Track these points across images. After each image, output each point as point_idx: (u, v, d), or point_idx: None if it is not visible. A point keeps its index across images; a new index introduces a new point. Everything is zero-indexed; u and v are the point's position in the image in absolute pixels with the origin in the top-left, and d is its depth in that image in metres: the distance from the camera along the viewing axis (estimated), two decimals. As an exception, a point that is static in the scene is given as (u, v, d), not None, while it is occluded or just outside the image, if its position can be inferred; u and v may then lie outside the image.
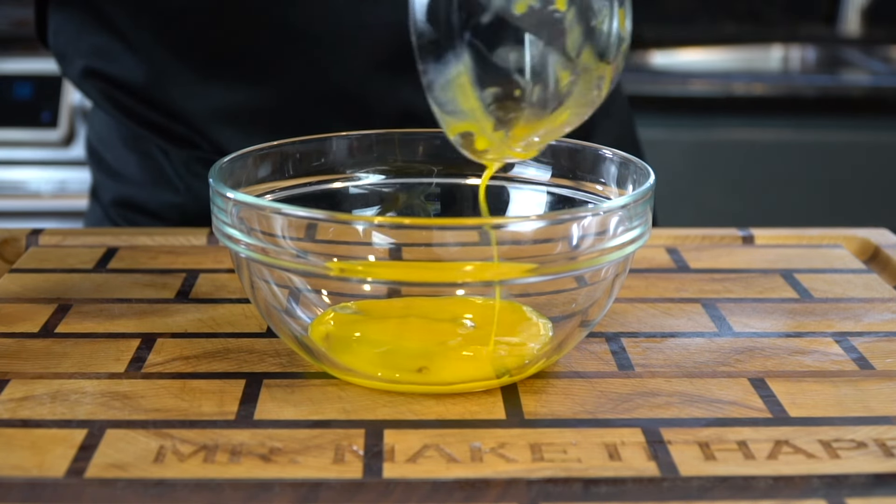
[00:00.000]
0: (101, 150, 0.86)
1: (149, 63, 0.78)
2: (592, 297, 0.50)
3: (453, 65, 0.45)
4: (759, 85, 1.67)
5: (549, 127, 0.48)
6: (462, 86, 0.46)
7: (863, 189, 1.71)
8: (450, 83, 0.46)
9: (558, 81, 0.46)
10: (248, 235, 0.47)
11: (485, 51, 0.45)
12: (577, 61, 0.46)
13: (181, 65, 0.78)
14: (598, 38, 0.46)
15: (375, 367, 0.49)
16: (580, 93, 0.47)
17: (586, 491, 0.42)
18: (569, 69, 0.46)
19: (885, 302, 0.61)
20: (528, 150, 0.50)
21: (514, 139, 0.48)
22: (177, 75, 0.78)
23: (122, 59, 0.79)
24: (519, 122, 0.47)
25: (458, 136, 0.48)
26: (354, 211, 0.59)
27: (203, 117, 0.79)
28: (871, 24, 2.05)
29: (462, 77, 0.45)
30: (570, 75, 0.46)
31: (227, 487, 0.42)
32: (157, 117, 0.80)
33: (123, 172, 0.85)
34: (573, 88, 0.47)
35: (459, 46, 0.45)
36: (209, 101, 0.78)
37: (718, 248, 0.69)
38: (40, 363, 0.52)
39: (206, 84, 0.78)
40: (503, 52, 0.45)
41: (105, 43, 0.79)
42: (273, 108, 0.78)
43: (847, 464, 0.44)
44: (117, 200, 0.85)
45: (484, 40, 0.45)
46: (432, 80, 0.46)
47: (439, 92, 0.46)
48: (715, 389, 0.50)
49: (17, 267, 0.65)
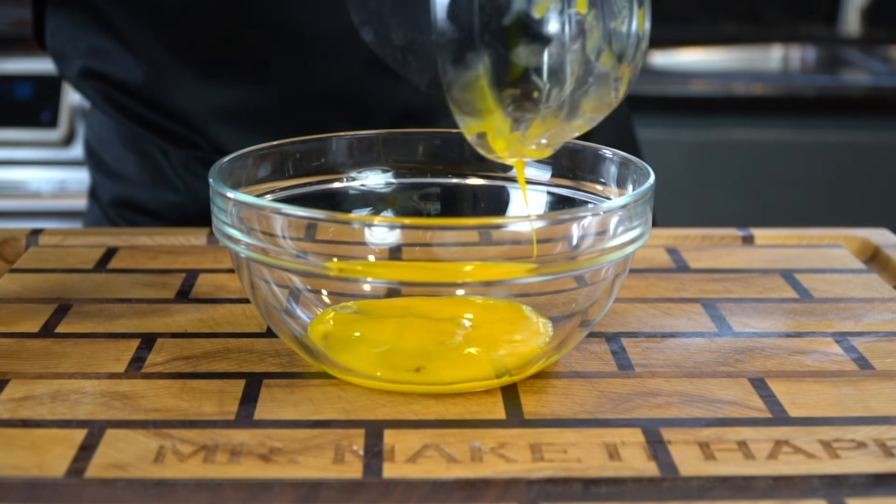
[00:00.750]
0: (100, 151, 0.86)
1: (147, 63, 0.78)
2: (592, 297, 0.50)
3: (473, 66, 0.45)
4: (759, 85, 1.67)
5: (565, 128, 0.48)
6: (481, 87, 0.46)
7: (863, 189, 1.71)
8: (469, 84, 0.46)
9: (577, 83, 0.46)
10: (248, 235, 0.47)
11: (504, 52, 0.45)
12: (596, 63, 0.46)
13: (180, 64, 0.78)
14: (618, 40, 0.46)
15: (375, 366, 0.49)
16: (598, 95, 0.47)
17: (586, 491, 0.42)
18: (588, 71, 0.46)
19: (885, 302, 0.61)
20: (544, 149, 0.50)
21: (530, 139, 0.48)
22: (175, 75, 0.78)
23: (120, 60, 0.79)
24: (536, 122, 0.47)
25: (475, 136, 0.48)
26: (354, 211, 0.59)
27: (202, 117, 0.79)
28: (871, 24, 2.05)
29: (482, 78, 0.45)
30: (589, 77, 0.46)
31: (227, 487, 0.42)
32: (156, 117, 0.80)
33: (122, 172, 0.85)
34: (591, 90, 0.47)
35: (480, 47, 0.45)
36: (208, 100, 0.78)
37: (718, 248, 0.69)
38: (40, 363, 0.52)
39: (205, 83, 0.78)
40: (522, 53, 0.45)
41: (103, 43, 0.79)
42: (272, 108, 0.78)
43: (847, 464, 0.44)
44: (116, 200, 0.85)
45: (504, 42, 0.45)
46: (451, 80, 0.46)
47: (458, 92, 0.46)
48: (715, 389, 0.50)
49: (17, 267, 0.65)
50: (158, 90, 0.79)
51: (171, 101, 0.79)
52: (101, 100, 0.81)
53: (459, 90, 0.46)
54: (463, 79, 0.46)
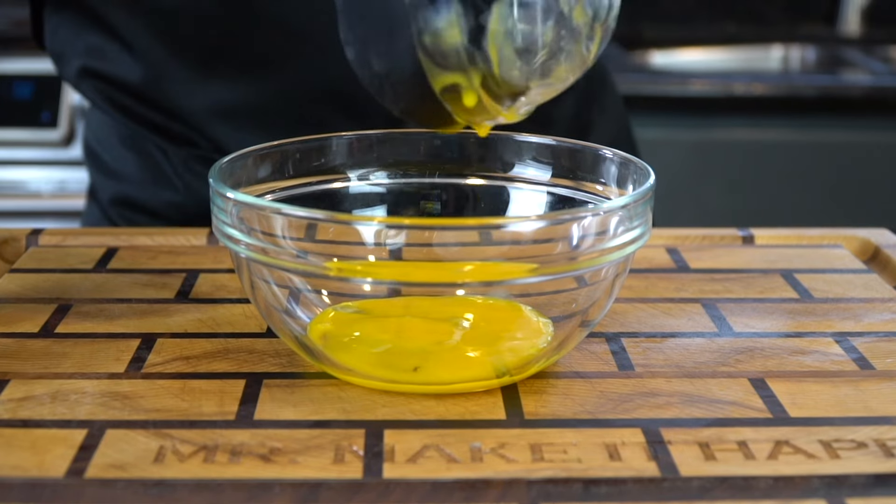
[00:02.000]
0: (99, 150, 0.86)
1: (145, 62, 0.78)
2: (593, 297, 0.50)
3: (444, 12, 0.45)
4: (759, 85, 1.67)
5: (538, 83, 0.48)
6: (452, 34, 0.45)
7: (863, 189, 1.71)
8: (440, 31, 0.45)
9: (549, 34, 0.46)
10: (248, 235, 0.47)
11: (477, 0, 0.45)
12: (569, 16, 0.46)
13: (178, 63, 0.78)
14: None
15: (375, 366, 0.49)
16: (570, 50, 0.47)
17: (586, 491, 0.42)
18: (560, 23, 0.46)
19: (885, 302, 0.61)
20: (516, 110, 0.50)
21: (501, 92, 0.48)
22: (174, 73, 0.78)
23: (118, 59, 0.79)
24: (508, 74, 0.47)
25: (445, 92, 0.48)
26: (354, 211, 0.59)
27: (201, 115, 0.79)
28: (871, 24, 2.05)
29: (452, 25, 0.45)
30: (562, 31, 0.46)
31: (227, 487, 0.42)
32: (155, 116, 0.80)
33: (122, 171, 0.85)
34: (563, 45, 0.47)
35: None
36: (207, 98, 0.78)
37: (718, 248, 0.69)
38: (40, 363, 0.52)
39: (204, 82, 0.78)
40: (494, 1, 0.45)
41: (101, 42, 0.79)
42: (271, 106, 0.78)
43: (847, 464, 0.44)
44: (116, 199, 0.85)
45: None
46: (422, 27, 0.46)
47: (429, 39, 0.46)
48: (715, 389, 0.50)
49: (17, 267, 0.65)
50: (157, 89, 0.79)
51: (169, 100, 0.79)
52: (101, 99, 0.82)
53: (430, 37, 0.46)
54: (433, 25, 0.45)
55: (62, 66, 0.83)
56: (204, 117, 0.79)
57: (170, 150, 0.82)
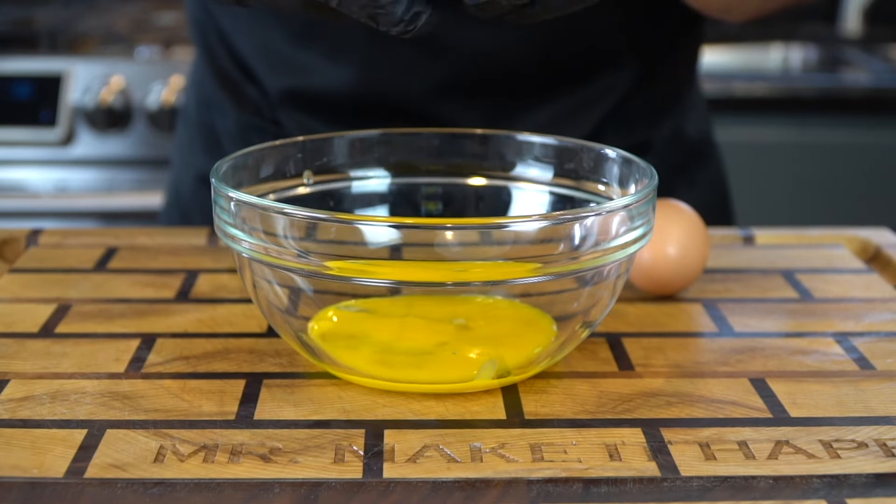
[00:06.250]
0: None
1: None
2: (594, 297, 0.50)
3: None
4: (759, 85, 1.67)
5: None
6: None
7: (863, 189, 1.71)
8: None
9: None
10: (250, 235, 0.47)
11: None
12: None
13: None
14: None
15: (375, 366, 0.49)
16: None
17: (586, 491, 0.42)
18: None
19: (886, 302, 0.61)
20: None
21: None
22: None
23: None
24: None
25: None
26: (355, 211, 0.59)
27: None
28: (871, 24, 2.05)
29: None
30: None
31: (227, 487, 0.42)
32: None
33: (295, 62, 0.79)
34: None
35: None
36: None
37: (718, 248, 0.69)
38: (40, 363, 0.52)
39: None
40: None
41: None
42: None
43: (847, 464, 0.44)
44: (284, 93, 0.79)
45: None
46: None
47: None
48: (715, 389, 0.50)
49: (17, 267, 0.65)
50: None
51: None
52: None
53: None
54: None
55: None
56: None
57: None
